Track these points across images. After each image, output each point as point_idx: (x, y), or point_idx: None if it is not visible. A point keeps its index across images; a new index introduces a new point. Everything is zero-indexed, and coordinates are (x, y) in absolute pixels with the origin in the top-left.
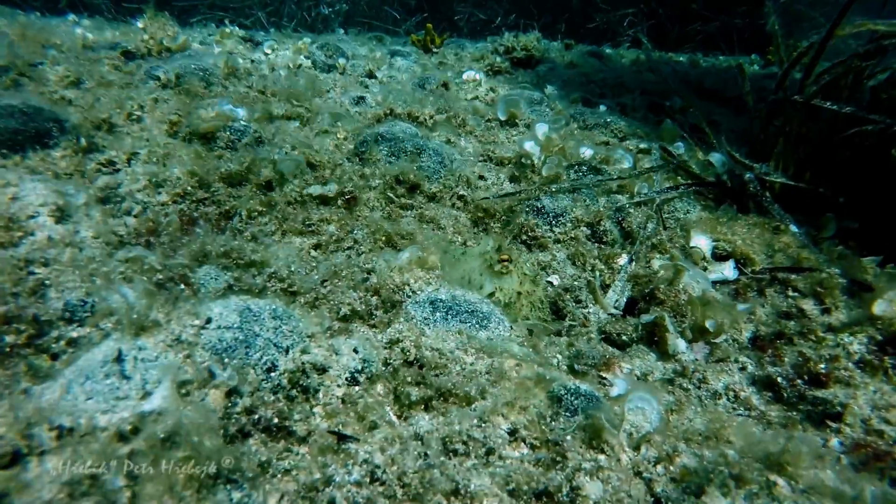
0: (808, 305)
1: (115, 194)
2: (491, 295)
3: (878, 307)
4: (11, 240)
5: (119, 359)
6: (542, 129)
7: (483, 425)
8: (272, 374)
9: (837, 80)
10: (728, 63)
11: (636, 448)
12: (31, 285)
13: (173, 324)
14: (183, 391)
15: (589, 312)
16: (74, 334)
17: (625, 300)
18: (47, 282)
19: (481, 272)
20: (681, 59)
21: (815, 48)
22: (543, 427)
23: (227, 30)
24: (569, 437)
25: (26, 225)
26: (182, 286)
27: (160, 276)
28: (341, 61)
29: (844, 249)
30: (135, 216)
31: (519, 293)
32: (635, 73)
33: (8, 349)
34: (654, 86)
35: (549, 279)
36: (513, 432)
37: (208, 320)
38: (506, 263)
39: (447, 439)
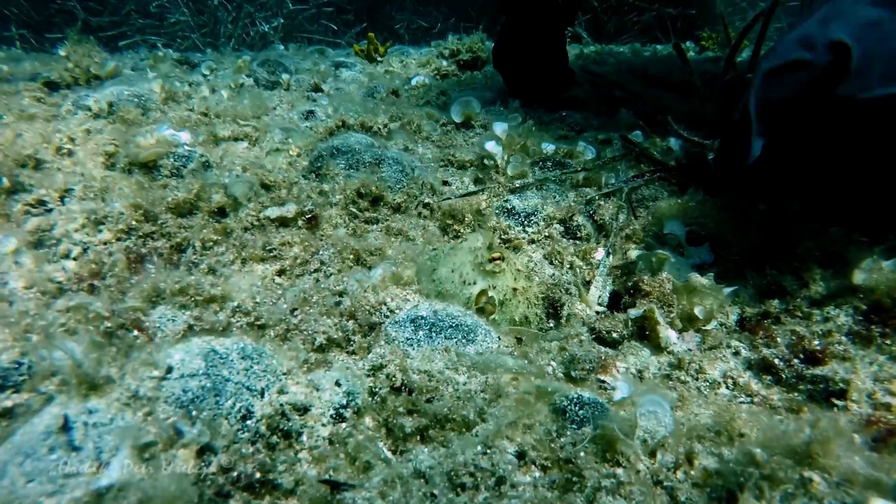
0: (788, 281)
1: (48, 237)
2: (483, 293)
3: (858, 277)
4: None
5: (66, 427)
6: (500, 128)
7: (489, 452)
8: (248, 423)
9: None
10: (667, 51)
11: (652, 455)
12: None
13: (128, 378)
14: (146, 456)
15: (577, 310)
16: (9, 403)
17: (608, 295)
18: None
19: (473, 268)
20: (622, 49)
21: (759, 22)
22: (553, 445)
23: (161, 53)
24: (582, 454)
25: None
26: (135, 332)
27: (109, 325)
28: (285, 77)
29: (811, 222)
30: (74, 259)
31: (514, 290)
32: (580, 66)
33: None
34: (602, 78)
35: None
36: (521, 455)
37: (169, 369)
38: (498, 262)
39: (452, 473)
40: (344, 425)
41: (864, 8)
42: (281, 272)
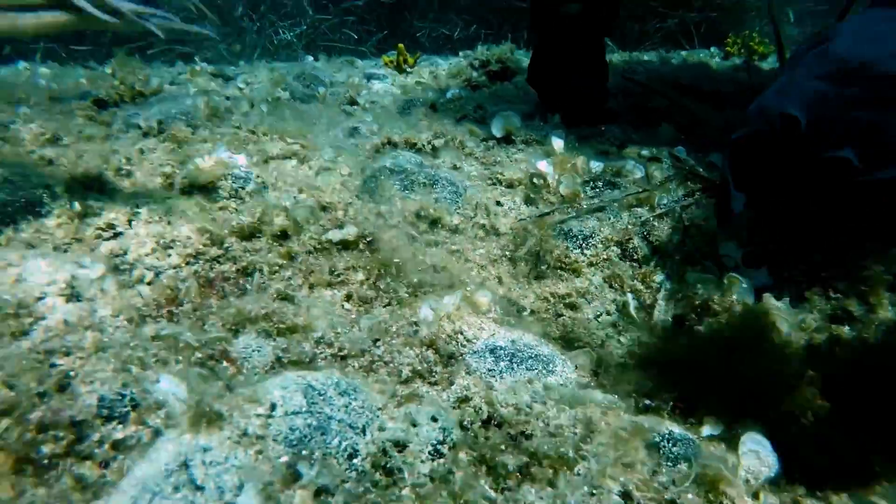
0: (854, 306)
1: (123, 261)
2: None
3: None
4: (22, 328)
5: (185, 464)
6: (558, 143)
7: (596, 492)
8: (354, 461)
9: None
10: (694, 58)
11: (755, 497)
12: (55, 380)
13: (236, 414)
14: (267, 495)
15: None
16: (119, 435)
17: (671, 319)
18: (71, 373)
19: None
20: (647, 57)
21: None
22: (655, 485)
23: (197, 67)
24: (690, 494)
25: (35, 309)
26: (225, 363)
27: (199, 355)
28: (321, 90)
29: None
30: (148, 284)
31: None
32: (612, 76)
33: (46, 461)
34: (636, 88)
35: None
36: (626, 495)
37: (272, 406)
38: None
39: None
40: (442, 460)
41: (812, 82)
42: (348, 297)
